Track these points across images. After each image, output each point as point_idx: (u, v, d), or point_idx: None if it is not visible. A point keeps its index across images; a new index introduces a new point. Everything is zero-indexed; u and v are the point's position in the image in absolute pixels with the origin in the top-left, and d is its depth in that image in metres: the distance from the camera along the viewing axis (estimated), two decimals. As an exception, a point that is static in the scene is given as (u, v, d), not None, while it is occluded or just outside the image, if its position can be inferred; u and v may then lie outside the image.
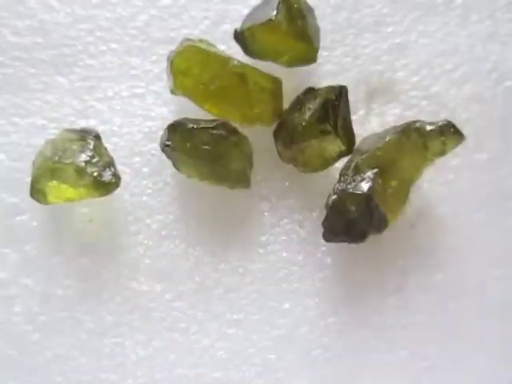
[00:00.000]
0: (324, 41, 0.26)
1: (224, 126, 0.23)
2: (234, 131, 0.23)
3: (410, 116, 0.26)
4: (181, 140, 0.23)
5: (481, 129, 0.26)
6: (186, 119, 0.23)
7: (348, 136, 0.23)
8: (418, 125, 0.23)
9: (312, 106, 0.23)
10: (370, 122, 0.26)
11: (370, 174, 0.23)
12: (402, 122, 0.25)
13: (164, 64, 0.25)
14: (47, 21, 0.26)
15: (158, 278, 0.24)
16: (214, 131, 0.23)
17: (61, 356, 0.23)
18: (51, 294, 0.24)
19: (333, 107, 0.23)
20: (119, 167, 0.24)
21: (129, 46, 0.26)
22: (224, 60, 0.23)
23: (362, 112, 0.26)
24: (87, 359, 0.23)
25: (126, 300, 0.24)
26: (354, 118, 0.25)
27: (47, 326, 0.24)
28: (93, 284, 0.24)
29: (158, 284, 0.24)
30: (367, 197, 0.22)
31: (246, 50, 0.24)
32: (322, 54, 0.26)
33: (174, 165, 0.23)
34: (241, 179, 0.23)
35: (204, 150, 0.23)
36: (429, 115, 0.26)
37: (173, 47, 0.25)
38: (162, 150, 0.23)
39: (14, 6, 0.26)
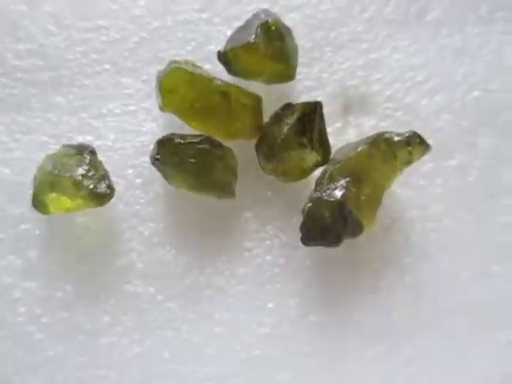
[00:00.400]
0: (303, 58, 0.27)
1: (209, 140, 0.24)
2: (219, 145, 0.25)
3: (384, 126, 0.27)
4: (169, 154, 0.24)
5: (451, 137, 0.27)
6: (173, 134, 0.24)
7: (323, 147, 0.25)
8: (386, 136, 0.24)
9: (289, 120, 0.24)
10: (346, 134, 0.27)
11: (343, 182, 0.24)
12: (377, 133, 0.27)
13: (154, 83, 0.26)
14: (46, 45, 0.27)
15: (151, 281, 0.25)
16: (200, 145, 0.24)
17: (61, 354, 0.24)
18: (52, 297, 0.25)
19: (309, 121, 0.24)
20: (114, 179, 0.25)
21: (121, 66, 0.27)
22: (208, 80, 0.25)
23: (339, 124, 0.27)
24: (86, 357, 0.24)
25: (120, 302, 0.25)
26: (331, 129, 0.26)
27: (49, 327, 0.24)
28: (90, 287, 0.25)
29: (150, 287, 0.25)
30: (340, 203, 0.23)
31: (229, 69, 0.25)
32: (301, 70, 0.27)
33: (164, 177, 0.24)
34: (226, 190, 0.25)
35: (191, 163, 0.24)
36: (402, 125, 0.27)
37: (162, 67, 0.26)
38: (152, 163, 0.24)
39: (15, 31, 0.27)
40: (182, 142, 0.24)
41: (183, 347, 0.24)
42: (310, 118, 0.24)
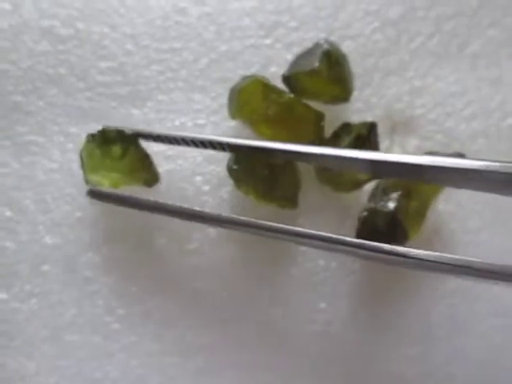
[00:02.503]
0: (355, 82, 0.28)
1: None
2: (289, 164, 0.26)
3: (426, 147, 0.28)
4: (244, 164, 0.25)
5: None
6: None
7: None
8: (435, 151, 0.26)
9: (347, 138, 0.26)
10: (393, 152, 0.28)
11: (395, 195, 0.25)
12: (420, 153, 0.28)
13: (221, 100, 0.27)
14: (126, 63, 0.28)
15: (216, 279, 0.26)
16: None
17: (134, 343, 0.25)
18: (127, 290, 0.26)
19: (364, 140, 0.26)
20: (183, 184, 0.27)
21: (193, 84, 0.28)
22: (279, 92, 0.26)
23: (386, 143, 0.28)
24: (156, 346, 0.25)
25: (188, 297, 0.26)
26: (380, 148, 0.27)
27: (123, 318, 0.25)
28: (161, 283, 0.26)
29: (216, 284, 0.26)
30: (393, 214, 0.25)
31: (292, 90, 0.27)
32: (353, 93, 0.28)
33: (236, 185, 0.25)
34: (291, 201, 0.26)
35: (263, 174, 0.25)
36: (442, 147, 0.28)
37: (229, 85, 0.27)
38: (228, 171, 0.25)
39: (99, 50, 0.28)
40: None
41: (243, 339, 0.25)
42: (365, 137, 0.26)
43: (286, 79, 0.27)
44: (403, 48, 0.29)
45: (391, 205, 0.25)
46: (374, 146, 0.26)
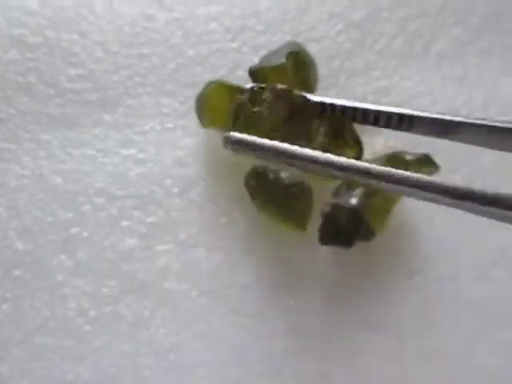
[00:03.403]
0: (321, 83, 0.28)
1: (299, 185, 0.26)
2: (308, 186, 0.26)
3: (393, 146, 0.28)
4: (263, 183, 0.25)
5: (454, 155, 0.27)
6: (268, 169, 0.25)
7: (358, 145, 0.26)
8: (400, 155, 0.26)
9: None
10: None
11: (358, 191, 0.25)
12: (388, 151, 0.28)
13: (190, 103, 0.27)
14: (95, 69, 0.29)
15: (185, 279, 0.26)
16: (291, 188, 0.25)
17: (106, 344, 0.25)
18: (98, 292, 0.26)
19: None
20: (154, 187, 0.27)
21: (161, 89, 0.29)
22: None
23: None
24: (128, 346, 0.25)
25: (159, 297, 0.26)
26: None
27: (95, 320, 0.25)
28: (132, 284, 0.26)
29: (185, 284, 0.26)
30: (355, 209, 0.25)
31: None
32: (319, 94, 0.28)
33: (252, 200, 0.26)
34: (300, 223, 0.26)
35: (279, 195, 0.25)
36: (409, 145, 0.27)
37: (197, 89, 0.27)
38: (245, 186, 0.26)
39: (68, 58, 0.29)
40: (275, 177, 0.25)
41: (212, 338, 0.25)
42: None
43: (253, 73, 0.27)
44: (368, 49, 0.30)
45: (354, 200, 0.25)
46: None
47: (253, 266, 0.26)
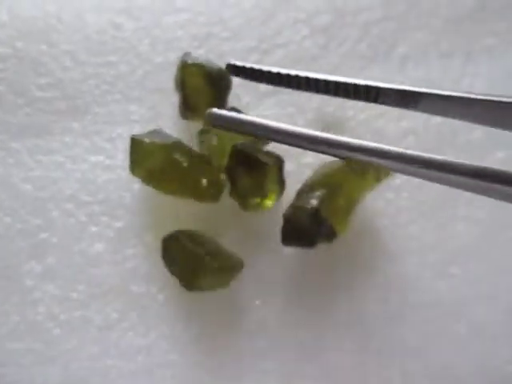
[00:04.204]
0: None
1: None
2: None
3: None
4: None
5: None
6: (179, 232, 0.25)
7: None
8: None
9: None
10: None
11: (319, 193, 0.25)
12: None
13: (157, 109, 0.28)
14: (63, 78, 0.29)
15: (153, 282, 0.26)
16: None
17: (76, 347, 0.25)
18: (68, 297, 0.26)
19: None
20: (122, 193, 0.27)
21: (128, 96, 0.29)
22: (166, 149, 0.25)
23: None
24: (97, 349, 0.25)
25: (127, 301, 0.26)
26: (312, 154, 0.27)
27: (65, 323, 0.26)
28: (101, 288, 0.26)
29: (152, 287, 0.26)
30: (316, 210, 0.25)
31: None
32: (283, 98, 0.29)
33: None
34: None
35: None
36: None
37: (164, 95, 0.28)
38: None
39: (37, 67, 0.29)
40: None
41: (179, 340, 0.26)
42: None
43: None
44: (333, 53, 0.30)
45: (315, 201, 0.25)
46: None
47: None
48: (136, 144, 0.26)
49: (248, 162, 0.26)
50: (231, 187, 0.26)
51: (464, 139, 0.29)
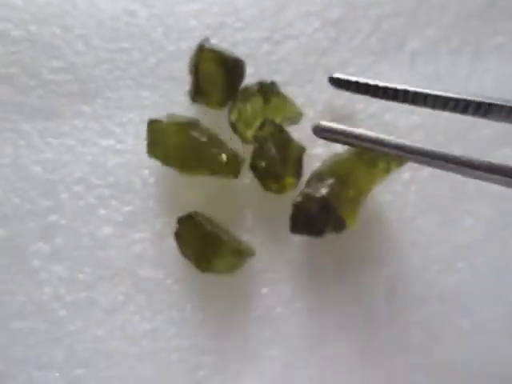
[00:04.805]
0: (298, 79, 0.29)
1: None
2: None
3: None
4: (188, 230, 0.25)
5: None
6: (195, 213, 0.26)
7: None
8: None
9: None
10: (335, 145, 0.28)
11: (329, 182, 0.26)
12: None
13: (169, 97, 0.28)
14: (76, 62, 0.29)
15: (160, 266, 0.27)
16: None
17: (81, 328, 0.26)
18: (75, 278, 0.26)
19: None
20: (132, 177, 0.28)
21: (141, 82, 0.29)
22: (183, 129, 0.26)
23: None
24: (102, 331, 0.26)
25: (134, 285, 0.26)
26: (323, 141, 0.27)
27: (71, 304, 0.26)
28: (108, 271, 0.26)
29: (159, 271, 0.26)
30: (324, 199, 0.25)
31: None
32: (295, 90, 0.29)
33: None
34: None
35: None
36: None
37: (177, 83, 0.28)
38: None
39: (50, 50, 0.29)
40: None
41: (185, 325, 0.26)
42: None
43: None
44: (344, 46, 0.30)
45: (324, 190, 0.25)
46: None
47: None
48: (154, 124, 0.26)
49: (279, 137, 0.26)
50: (254, 160, 0.26)
51: (473, 135, 0.29)
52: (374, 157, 0.26)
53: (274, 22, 0.30)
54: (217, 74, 0.27)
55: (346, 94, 0.30)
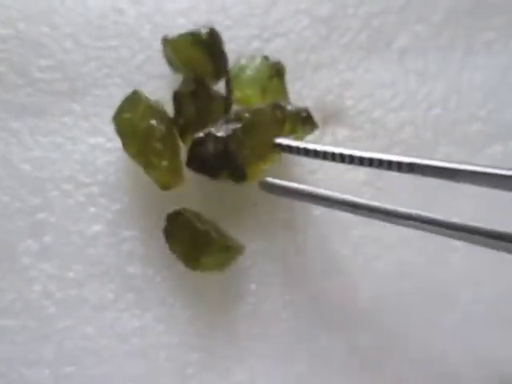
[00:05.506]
0: (287, 76, 0.29)
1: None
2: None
3: (356, 136, 0.29)
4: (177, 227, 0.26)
5: (413, 147, 0.29)
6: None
7: None
8: (283, 103, 0.26)
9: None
10: (324, 141, 0.29)
11: (234, 126, 0.25)
12: (350, 142, 0.29)
13: (157, 95, 0.28)
14: (65, 60, 0.29)
15: (150, 264, 0.27)
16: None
17: (70, 326, 0.26)
18: (64, 276, 0.26)
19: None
20: (121, 176, 0.28)
21: (129, 80, 0.29)
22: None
23: (317, 133, 0.28)
24: (91, 329, 0.26)
25: (123, 282, 0.26)
26: (311, 137, 0.28)
27: (60, 302, 0.26)
28: (97, 268, 0.26)
29: (149, 269, 0.27)
30: (225, 141, 0.25)
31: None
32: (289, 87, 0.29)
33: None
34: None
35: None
36: (370, 136, 0.29)
37: (165, 82, 0.28)
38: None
39: (38, 48, 0.29)
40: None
41: (174, 322, 0.26)
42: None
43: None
44: (333, 43, 0.30)
45: (227, 132, 0.25)
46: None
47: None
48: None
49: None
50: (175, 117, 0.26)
51: (462, 131, 0.29)
52: (285, 113, 0.26)
53: (263, 20, 0.30)
54: (195, 52, 0.27)
55: (336, 91, 0.30)
